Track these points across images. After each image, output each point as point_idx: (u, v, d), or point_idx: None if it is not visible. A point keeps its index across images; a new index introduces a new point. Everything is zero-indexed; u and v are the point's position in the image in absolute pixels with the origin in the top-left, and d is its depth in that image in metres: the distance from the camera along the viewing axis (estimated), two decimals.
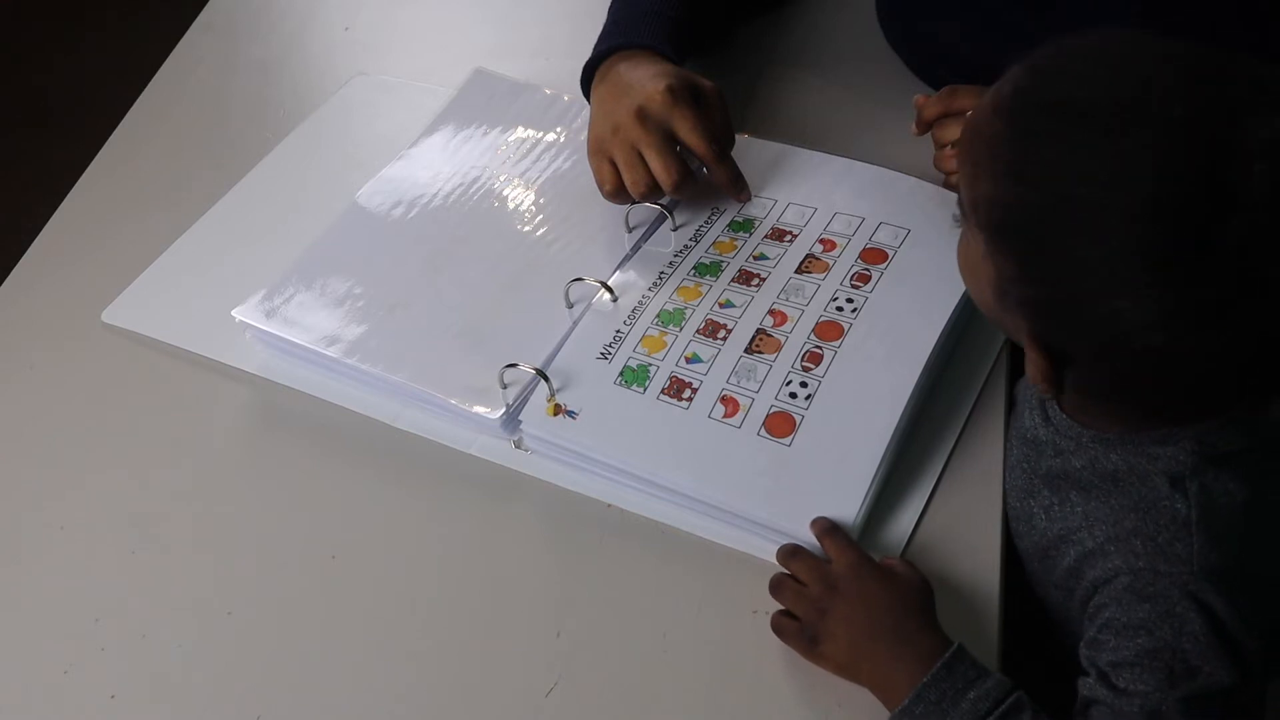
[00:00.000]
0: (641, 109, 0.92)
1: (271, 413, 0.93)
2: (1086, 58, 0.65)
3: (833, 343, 0.86)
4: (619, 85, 0.96)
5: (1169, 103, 0.61)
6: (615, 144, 0.93)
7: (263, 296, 0.94)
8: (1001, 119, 0.66)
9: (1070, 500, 0.75)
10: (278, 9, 1.37)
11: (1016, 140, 0.65)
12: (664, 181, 0.92)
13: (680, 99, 0.93)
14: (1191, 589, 0.66)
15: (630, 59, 0.98)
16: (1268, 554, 0.71)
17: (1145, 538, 0.69)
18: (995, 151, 0.66)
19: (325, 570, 0.82)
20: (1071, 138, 0.62)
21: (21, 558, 0.85)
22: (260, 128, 1.16)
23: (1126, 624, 0.67)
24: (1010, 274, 0.67)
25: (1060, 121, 0.63)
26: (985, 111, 0.68)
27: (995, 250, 0.68)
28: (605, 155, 0.94)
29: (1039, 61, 0.67)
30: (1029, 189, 0.64)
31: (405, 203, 1.03)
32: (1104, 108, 0.62)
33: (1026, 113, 0.65)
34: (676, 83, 0.94)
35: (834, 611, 0.72)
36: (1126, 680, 0.66)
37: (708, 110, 0.95)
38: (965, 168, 0.70)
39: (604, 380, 0.86)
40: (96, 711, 0.76)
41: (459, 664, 0.76)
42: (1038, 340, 0.68)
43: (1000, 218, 0.67)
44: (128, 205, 1.11)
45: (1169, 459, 0.70)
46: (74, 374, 0.96)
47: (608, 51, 1.00)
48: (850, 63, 1.16)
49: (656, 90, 0.93)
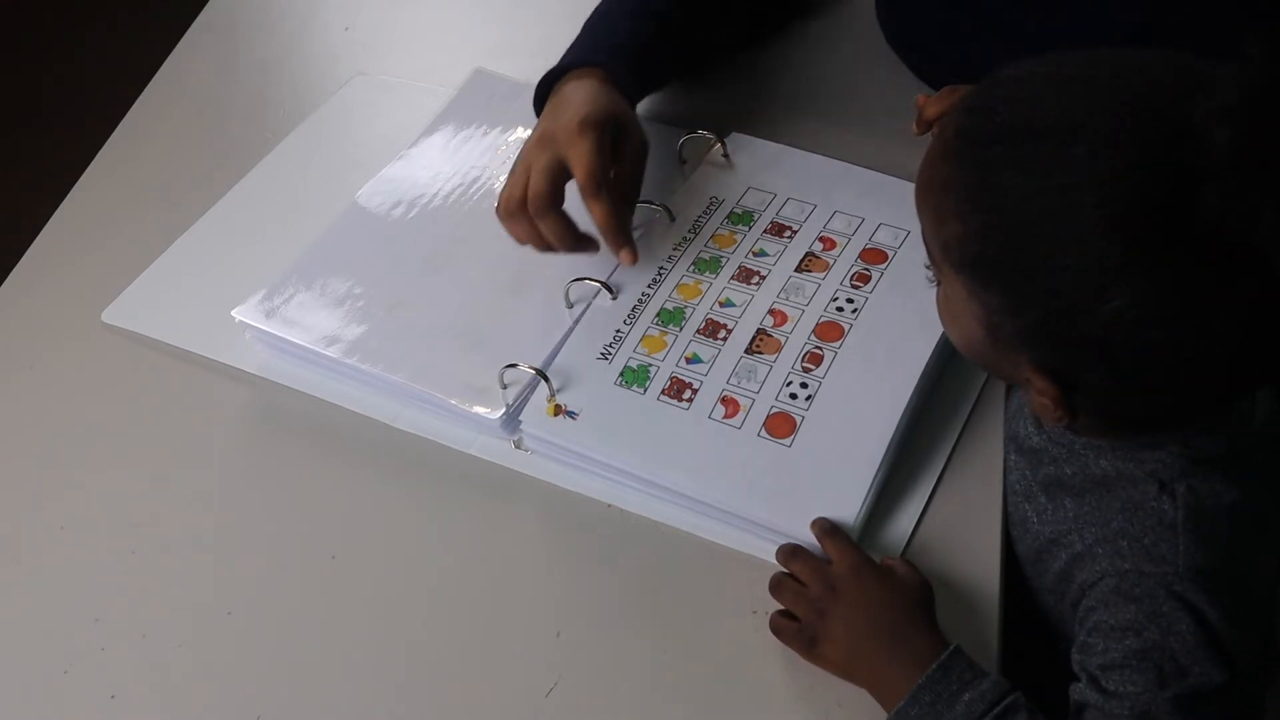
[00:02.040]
0: (548, 133, 0.90)
1: (271, 413, 0.93)
2: (1020, 84, 0.65)
3: (833, 343, 0.86)
4: (556, 104, 0.94)
5: (1113, 100, 0.61)
6: (520, 160, 0.91)
7: (263, 296, 0.94)
8: (950, 162, 0.66)
9: (1063, 505, 0.75)
10: (278, 9, 1.37)
11: (970, 174, 0.65)
12: (530, 202, 0.88)
13: (586, 131, 0.88)
14: (1177, 589, 0.66)
15: (579, 79, 0.95)
16: (1254, 555, 0.71)
17: (1131, 539, 0.69)
18: (953, 192, 0.66)
19: (325, 570, 0.82)
20: (1023, 155, 0.62)
21: (21, 558, 0.85)
22: (260, 128, 1.16)
23: (1114, 626, 0.67)
24: (999, 307, 0.66)
25: (1009, 146, 0.63)
26: (932, 161, 0.68)
27: (979, 288, 0.67)
28: (512, 171, 0.92)
29: (972, 102, 0.67)
30: (994, 215, 0.64)
31: (405, 202, 1.03)
32: (1048, 122, 0.62)
33: (974, 147, 0.65)
34: (595, 115, 0.89)
35: (833, 612, 0.72)
36: (1116, 682, 0.66)
37: (620, 153, 0.91)
38: (928, 219, 0.69)
39: (604, 381, 0.86)
40: (96, 711, 0.76)
41: (459, 664, 0.76)
42: (1040, 369, 0.67)
43: (975, 252, 0.66)
44: (128, 205, 1.10)
45: (1157, 462, 0.70)
46: (74, 374, 0.96)
47: (562, 69, 0.97)
48: (850, 63, 1.16)
49: (572, 118, 0.89)
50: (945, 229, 0.67)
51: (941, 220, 0.67)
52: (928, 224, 0.70)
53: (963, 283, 0.68)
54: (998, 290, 0.66)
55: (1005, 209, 0.63)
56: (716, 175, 1.01)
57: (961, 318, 0.70)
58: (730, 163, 1.02)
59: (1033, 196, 0.62)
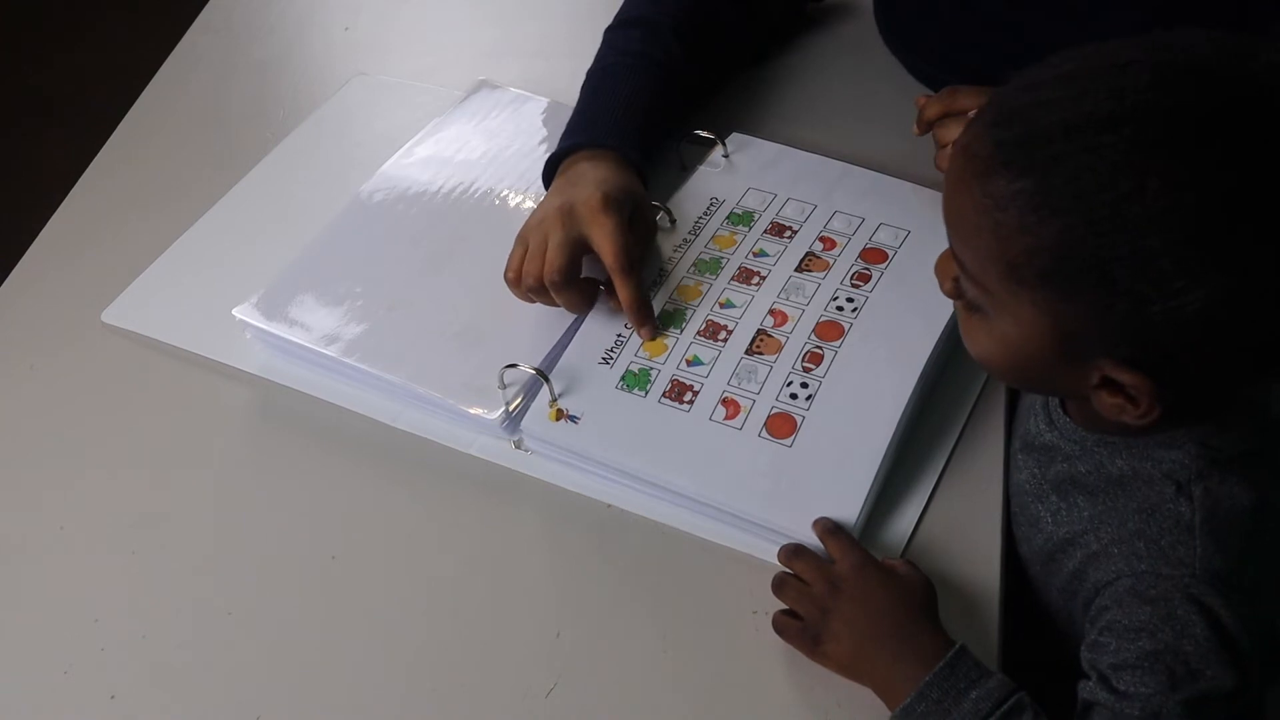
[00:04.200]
0: (568, 206, 0.90)
1: (271, 413, 0.93)
2: (1057, 83, 0.62)
3: (833, 343, 0.86)
4: (571, 178, 0.94)
5: (1164, 77, 0.60)
6: (534, 234, 0.90)
7: (262, 296, 0.94)
8: (1000, 176, 0.63)
9: (1077, 505, 0.74)
10: (278, 9, 1.37)
11: (1033, 182, 0.62)
12: (546, 274, 0.87)
13: (609, 208, 0.88)
14: (1193, 592, 0.66)
15: (592, 159, 0.95)
16: (1270, 558, 0.71)
17: (1148, 540, 0.69)
18: (1015, 204, 0.62)
19: (325, 570, 0.82)
20: (1091, 147, 0.60)
21: (21, 558, 0.85)
22: (260, 128, 1.16)
23: (1128, 626, 0.67)
24: (1080, 313, 0.63)
25: (1070, 142, 0.60)
26: (967, 185, 0.64)
27: (1058, 298, 0.63)
28: (522, 242, 0.91)
29: (998, 114, 0.64)
30: (1071, 215, 0.61)
31: (405, 201, 1.03)
32: (1107, 110, 0.60)
33: (1028, 152, 0.62)
34: (615, 193, 0.90)
35: (837, 611, 0.72)
36: (1127, 683, 0.66)
37: (634, 226, 0.91)
38: (983, 243, 0.65)
39: (606, 385, 0.86)
40: (96, 711, 0.76)
41: (459, 664, 0.76)
42: (1128, 366, 0.63)
43: (1053, 261, 0.62)
44: (128, 205, 1.10)
45: (1174, 462, 0.70)
46: (74, 374, 0.96)
47: (571, 148, 0.97)
48: (849, 64, 1.16)
49: (593, 195, 0.89)
50: (1011, 247, 0.63)
51: (1003, 239, 0.63)
52: (981, 247, 0.65)
53: (1033, 299, 0.64)
54: (1083, 295, 0.62)
55: (1084, 206, 0.60)
56: (717, 176, 1.01)
57: (1018, 336, 0.66)
58: (730, 163, 1.02)
59: (1116, 184, 0.59)
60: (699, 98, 1.10)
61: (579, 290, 0.89)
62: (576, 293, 0.89)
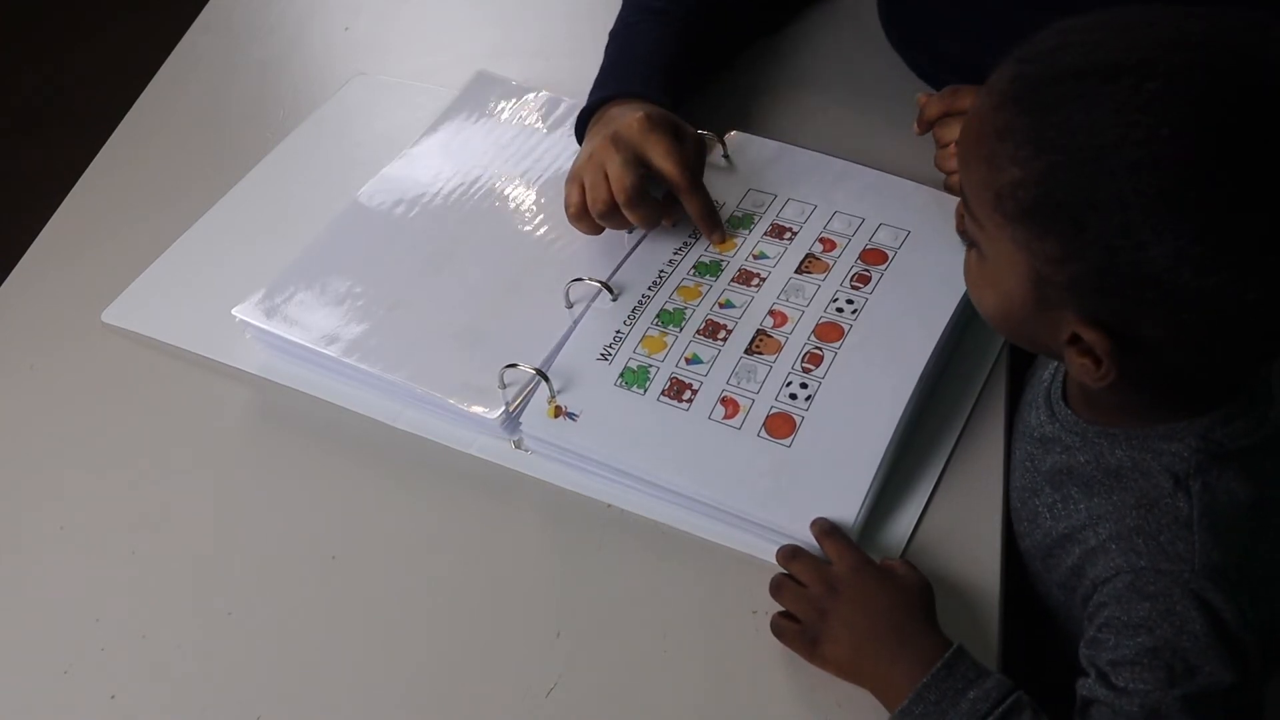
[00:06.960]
0: (616, 134, 0.92)
1: (271, 413, 0.93)
2: (1081, 30, 0.64)
3: (833, 344, 0.86)
4: (606, 120, 0.96)
5: (1184, 38, 0.61)
6: (587, 168, 0.92)
7: (262, 296, 0.94)
8: (1007, 109, 0.65)
9: (1072, 497, 0.75)
10: (278, 9, 1.37)
11: (1032, 119, 0.63)
12: (619, 195, 0.89)
13: (656, 127, 0.92)
14: (1193, 587, 0.66)
15: (622, 104, 0.97)
16: (1269, 553, 0.71)
17: (1147, 536, 0.69)
18: (1012, 138, 0.64)
19: (325, 570, 0.82)
20: (1093, 93, 0.61)
21: (21, 558, 0.85)
22: (260, 128, 1.16)
23: (1127, 622, 0.67)
24: (1053, 255, 0.64)
25: (1075, 85, 0.62)
26: (983, 112, 0.66)
27: (1033, 237, 0.65)
28: (576, 180, 0.93)
29: (1026, 53, 0.66)
30: (1059, 154, 0.62)
31: (405, 202, 1.03)
32: (1117, 60, 0.61)
33: (1037, 90, 0.64)
34: (655, 113, 0.93)
35: (835, 613, 0.72)
36: (1126, 679, 0.66)
37: (684, 144, 0.94)
38: (978, 170, 0.67)
39: (604, 382, 0.86)
40: (96, 711, 0.76)
41: (459, 664, 0.76)
42: (1090, 321, 0.65)
43: (1035, 196, 0.64)
44: (128, 205, 1.11)
45: (1173, 455, 0.70)
46: (74, 374, 0.96)
47: (601, 100, 0.99)
48: (852, 64, 1.16)
49: (634, 119, 0.92)
50: (1000, 177, 0.65)
51: (996, 169, 0.65)
52: (977, 175, 0.67)
53: (1013, 234, 0.66)
54: (1055, 235, 0.64)
55: (1072, 147, 0.62)
56: (717, 176, 1.01)
57: (1003, 277, 0.68)
58: (731, 163, 1.02)
59: (1104, 130, 0.60)
60: (720, 58, 1.11)
61: (652, 204, 0.92)
62: (650, 206, 0.92)
